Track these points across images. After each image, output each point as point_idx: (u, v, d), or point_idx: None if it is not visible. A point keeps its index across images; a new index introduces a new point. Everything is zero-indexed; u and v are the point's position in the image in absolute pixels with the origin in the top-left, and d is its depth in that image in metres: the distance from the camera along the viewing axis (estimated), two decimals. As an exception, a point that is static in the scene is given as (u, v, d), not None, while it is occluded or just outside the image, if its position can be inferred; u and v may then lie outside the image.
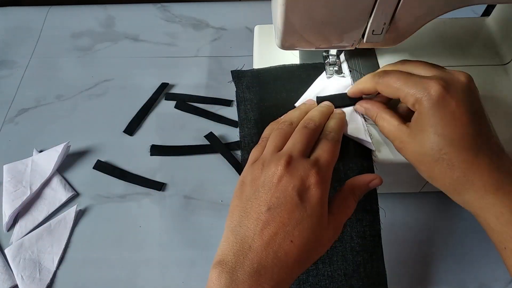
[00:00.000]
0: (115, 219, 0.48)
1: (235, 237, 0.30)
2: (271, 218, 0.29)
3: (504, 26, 0.46)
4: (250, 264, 0.28)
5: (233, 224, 0.30)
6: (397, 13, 0.32)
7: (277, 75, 0.43)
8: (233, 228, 0.30)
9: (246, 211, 0.30)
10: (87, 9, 0.68)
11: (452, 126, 0.30)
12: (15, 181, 0.49)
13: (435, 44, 0.47)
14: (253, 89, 0.43)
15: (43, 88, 0.59)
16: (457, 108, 0.30)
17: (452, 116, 0.30)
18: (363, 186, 0.33)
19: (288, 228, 0.29)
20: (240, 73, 0.44)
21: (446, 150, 0.30)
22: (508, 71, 0.45)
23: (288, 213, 0.29)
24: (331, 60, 0.43)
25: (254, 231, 0.29)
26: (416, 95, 0.31)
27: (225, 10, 0.67)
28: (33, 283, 0.43)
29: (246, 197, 0.31)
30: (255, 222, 0.29)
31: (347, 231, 0.37)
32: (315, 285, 0.36)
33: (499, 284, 0.43)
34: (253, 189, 0.31)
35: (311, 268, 0.37)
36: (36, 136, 0.54)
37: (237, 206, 0.31)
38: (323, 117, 0.37)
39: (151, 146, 0.53)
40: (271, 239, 0.29)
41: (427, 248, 0.45)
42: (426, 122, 0.31)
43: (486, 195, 0.30)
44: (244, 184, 0.32)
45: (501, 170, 0.30)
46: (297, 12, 0.32)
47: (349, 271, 0.36)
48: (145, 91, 0.57)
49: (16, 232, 0.47)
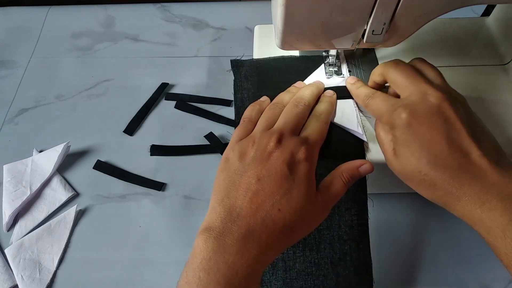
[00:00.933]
0: (115, 219, 0.48)
1: (222, 207, 0.31)
2: (261, 188, 0.30)
3: (504, 26, 0.46)
4: (238, 229, 0.29)
5: (220, 196, 0.31)
6: (397, 13, 0.32)
7: (275, 66, 0.44)
8: (221, 200, 0.31)
9: (235, 183, 0.31)
10: (87, 9, 0.68)
11: (425, 148, 0.31)
12: (15, 181, 0.49)
13: (435, 44, 0.47)
14: (251, 78, 0.44)
15: (43, 88, 0.59)
16: (427, 131, 0.31)
17: (423, 139, 0.31)
18: (352, 170, 0.34)
19: (276, 197, 0.30)
20: (239, 62, 0.45)
21: (425, 171, 0.31)
22: (508, 71, 0.45)
23: (277, 184, 0.30)
24: (330, 61, 0.43)
25: (243, 200, 0.30)
26: (392, 122, 0.33)
27: (225, 10, 0.67)
28: (33, 283, 0.43)
29: (235, 171, 0.32)
30: (244, 192, 0.31)
31: (335, 220, 0.37)
32: (301, 272, 0.37)
33: (499, 284, 0.43)
34: (242, 163, 0.32)
35: (298, 255, 0.37)
36: (36, 136, 0.54)
37: (224, 180, 0.32)
38: (313, 97, 0.39)
39: (151, 146, 0.53)
40: (259, 207, 0.30)
41: (426, 248, 0.45)
42: (403, 148, 0.32)
43: (473, 211, 0.30)
44: (229, 159, 0.34)
45: (484, 184, 0.30)
46: (297, 12, 0.32)
47: (336, 259, 0.37)
48: (145, 91, 0.57)
49: (16, 232, 0.47)
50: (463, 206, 0.30)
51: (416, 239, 0.46)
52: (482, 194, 0.29)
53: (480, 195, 0.29)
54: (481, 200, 0.29)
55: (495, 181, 0.30)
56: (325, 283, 0.37)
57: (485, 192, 0.29)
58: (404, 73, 0.34)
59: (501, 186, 0.29)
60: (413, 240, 0.46)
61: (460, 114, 0.32)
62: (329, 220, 0.38)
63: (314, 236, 0.37)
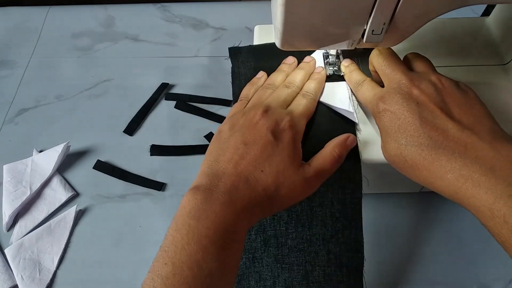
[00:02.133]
0: (115, 219, 0.48)
1: (210, 169, 0.33)
2: (246, 152, 0.33)
3: (504, 26, 0.46)
4: (223, 185, 0.31)
5: (209, 161, 0.33)
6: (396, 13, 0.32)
7: (271, 51, 0.45)
8: (209, 164, 0.33)
9: (223, 149, 0.34)
10: (87, 9, 0.68)
11: (402, 129, 0.32)
12: (15, 181, 0.49)
13: (435, 44, 0.47)
14: (248, 64, 0.45)
15: (43, 88, 0.59)
16: (400, 115, 0.33)
17: (397, 121, 0.33)
18: (341, 143, 0.36)
19: (260, 160, 0.32)
20: (236, 49, 0.47)
21: (405, 153, 0.32)
22: (508, 71, 0.45)
23: (261, 148, 0.33)
24: (330, 60, 0.43)
25: (229, 162, 0.32)
26: (372, 111, 0.36)
27: (225, 10, 0.67)
28: (33, 283, 0.43)
29: (224, 139, 0.35)
30: (231, 156, 0.33)
31: (328, 197, 0.38)
32: (293, 248, 0.38)
33: (499, 284, 0.43)
34: (231, 132, 0.35)
35: (291, 231, 0.38)
36: (36, 136, 0.54)
37: (214, 148, 0.34)
38: (304, 79, 0.41)
39: (151, 146, 0.53)
40: (244, 168, 0.32)
41: (427, 248, 0.45)
42: (382, 133, 0.35)
43: (458, 190, 0.29)
44: (221, 131, 0.36)
45: (466, 159, 0.29)
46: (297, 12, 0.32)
47: (328, 236, 0.38)
48: (145, 91, 0.57)
49: (16, 232, 0.47)
50: (447, 186, 0.29)
51: (415, 239, 0.46)
52: (464, 170, 0.28)
53: (461, 171, 0.28)
54: (464, 177, 0.28)
55: (478, 155, 0.29)
56: (316, 260, 0.38)
57: (466, 167, 0.28)
58: (386, 61, 0.36)
59: (484, 159, 0.28)
60: (413, 240, 0.46)
61: (434, 97, 0.33)
62: (321, 197, 0.38)
63: (306, 212, 0.38)
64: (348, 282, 0.38)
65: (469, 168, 0.28)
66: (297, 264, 0.38)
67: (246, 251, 0.38)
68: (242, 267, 0.38)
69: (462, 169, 0.29)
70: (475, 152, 0.29)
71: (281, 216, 0.38)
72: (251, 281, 0.38)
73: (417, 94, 0.33)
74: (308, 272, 0.38)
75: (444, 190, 0.30)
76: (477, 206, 0.28)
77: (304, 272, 0.38)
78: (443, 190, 0.30)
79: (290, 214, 0.38)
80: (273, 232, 0.38)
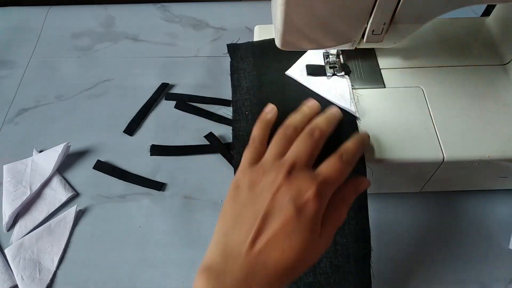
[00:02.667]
0: (115, 219, 0.48)
1: (226, 242, 0.30)
2: (265, 227, 0.29)
3: (504, 26, 0.46)
4: (239, 269, 0.28)
5: (225, 228, 0.31)
6: (397, 13, 0.32)
7: (270, 47, 0.46)
8: (225, 233, 0.30)
9: (240, 216, 0.30)
10: (87, 9, 0.68)
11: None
12: (15, 181, 0.49)
13: (435, 44, 0.48)
14: (247, 59, 0.46)
15: (43, 88, 0.59)
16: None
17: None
18: (353, 192, 0.34)
19: (279, 238, 0.29)
20: (235, 46, 0.47)
21: None
22: (508, 71, 0.45)
23: (282, 224, 0.29)
24: (331, 60, 0.43)
25: (246, 238, 0.29)
26: None
27: (225, 10, 0.67)
28: (33, 283, 0.43)
29: (242, 202, 0.31)
30: (248, 229, 0.30)
31: None
32: None
33: (499, 284, 0.43)
34: (249, 195, 0.31)
35: None
36: (36, 136, 0.54)
37: (231, 210, 0.31)
38: (329, 126, 0.36)
39: (151, 146, 0.53)
40: (262, 248, 0.29)
41: (427, 248, 0.45)
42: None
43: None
44: (239, 188, 0.32)
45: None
46: (297, 12, 0.32)
47: None
48: (145, 91, 0.57)
49: (16, 232, 0.47)
50: None
51: (415, 239, 0.46)
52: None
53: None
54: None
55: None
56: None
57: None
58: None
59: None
60: (413, 240, 0.46)
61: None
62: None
63: None
64: (356, 272, 0.37)
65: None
66: None
67: None
68: None
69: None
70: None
71: None
72: None
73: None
74: (315, 264, 0.37)
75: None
76: None
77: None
78: None
79: None
80: None
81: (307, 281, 0.37)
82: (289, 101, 0.41)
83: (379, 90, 0.43)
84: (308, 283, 0.37)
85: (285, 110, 0.37)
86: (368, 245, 0.38)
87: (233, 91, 0.45)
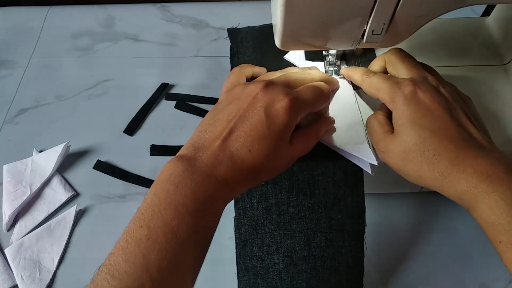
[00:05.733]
0: (115, 219, 0.48)
1: (198, 140, 0.32)
2: (236, 127, 0.31)
3: (504, 26, 0.46)
4: (207, 157, 0.30)
5: (199, 131, 0.33)
6: (396, 13, 0.32)
7: (269, 32, 0.45)
8: (199, 133, 0.32)
9: (215, 120, 0.32)
10: (87, 9, 0.68)
11: (429, 117, 0.31)
12: (15, 181, 0.49)
13: (435, 44, 0.47)
14: (246, 44, 0.46)
15: (43, 88, 0.59)
16: (430, 102, 0.32)
17: (426, 109, 0.32)
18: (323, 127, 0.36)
19: (249, 138, 0.31)
20: (235, 30, 0.48)
21: (429, 140, 0.31)
22: (508, 71, 0.45)
23: (252, 126, 0.31)
24: (330, 60, 0.43)
25: (217, 135, 0.31)
26: (391, 94, 0.33)
27: (225, 10, 0.67)
28: (33, 283, 0.43)
29: (218, 110, 0.33)
30: (221, 128, 0.31)
31: (330, 166, 0.38)
32: (295, 216, 0.38)
33: (499, 284, 0.43)
34: (226, 103, 0.33)
35: (292, 199, 0.38)
36: (36, 136, 0.54)
37: (208, 117, 0.33)
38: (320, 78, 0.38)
39: (151, 146, 0.53)
40: (231, 143, 0.30)
41: (427, 248, 0.45)
42: (404, 118, 0.32)
43: (478, 184, 0.29)
44: (219, 103, 0.35)
45: (490, 157, 0.29)
46: (297, 12, 0.32)
47: (329, 203, 0.38)
48: (145, 91, 0.57)
49: (16, 232, 0.47)
50: (467, 180, 0.29)
51: (416, 239, 0.46)
52: (488, 166, 0.29)
53: (486, 167, 0.29)
54: (487, 173, 0.29)
55: (499, 156, 0.30)
56: (317, 226, 0.38)
57: (490, 165, 0.29)
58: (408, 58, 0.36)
59: (505, 161, 0.29)
60: (413, 240, 0.46)
61: (457, 99, 0.33)
62: (323, 167, 0.38)
63: (308, 181, 0.38)
64: (349, 247, 0.38)
65: (494, 167, 0.29)
66: (299, 230, 0.38)
67: (249, 219, 0.39)
68: (245, 233, 0.39)
69: (487, 166, 0.29)
70: (496, 154, 0.30)
71: (283, 185, 0.38)
72: (254, 247, 0.39)
73: (444, 91, 0.33)
74: (310, 238, 0.38)
75: (460, 185, 0.30)
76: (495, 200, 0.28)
77: (305, 238, 0.38)
78: (457, 186, 0.30)
79: (291, 183, 0.38)
80: (275, 201, 0.38)
81: (302, 255, 0.38)
82: None
83: (379, 90, 0.43)
84: (303, 257, 0.38)
85: None
86: (362, 221, 0.38)
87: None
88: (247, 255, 0.39)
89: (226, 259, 0.43)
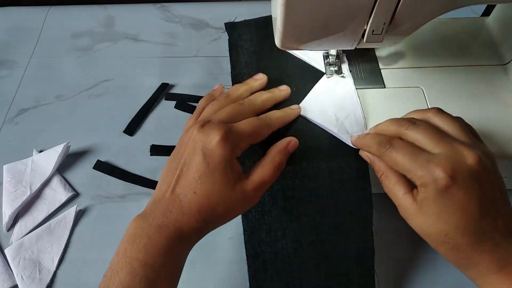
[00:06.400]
0: (115, 219, 0.48)
1: (158, 191, 0.34)
2: (182, 173, 0.33)
3: (504, 26, 0.46)
4: (160, 210, 0.32)
5: (159, 183, 0.35)
6: (397, 13, 0.32)
7: (266, 24, 0.46)
8: (158, 186, 0.35)
9: (169, 169, 0.34)
10: (87, 9, 0.68)
11: (458, 214, 0.30)
12: (15, 181, 0.49)
13: (435, 44, 0.48)
14: (244, 37, 0.48)
15: (43, 88, 0.59)
16: (463, 197, 0.30)
17: (458, 206, 0.30)
18: (282, 151, 0.36)
19: (193, 181, 0.32)
20: (233, 24, 0.49)
21: (451, 235, 0.31)
22: (508, 71, 0.45)
23: (195, 169, 0.32)
24: (330, 60, 0.43)
25: (169, 185, 0.33)
26: (422, 179, 0.31)
27: (225, 10, 0.67)
28: (33, 283, 0.43)
29: (171, 158, 0.35)
30: (170, 179, 0.33)
31: (333, 152, 0.39)
32: (301, 200, 0.39)
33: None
34: (177, 150, 0.35)
35: (297, 184, 0.39)
36: (36, 136, 0.54)
37: (165, 166, 0.35)
38: (268, 102, 0.39)
39: (151, 146, 0.52)
40: (179, 189, 0.32)
41: (427, 248, 0.45)
42: (432, 208, 0.31)
43: (489, 274, 0.30)
44: (175, 149, 0.36)
45: (506, 251, 0.30)
46: (297, 12, 0.32)
47: (335, 187, 0.39)
48: (145, 91, 0.57)
49: (16, 232, 0.47)
50: (479, 270, 0.31)
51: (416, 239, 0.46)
52: (501, 261, 0.30)
53: (499, 262, 0.30)
54: (498, 266, 0.30)
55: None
56: (324, 210, 0.38)
57: (503, 259, 0.30)
58: (426, 133, 0.32)
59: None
60: (413, 240, 0.46)
61: (493, 178, 0.31)
62: (328, 152, 0.39)
63: (312, 166, 0.39)
64: (358, 230, 0.39)
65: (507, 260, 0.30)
66: (305, 215, 0.38)
67: (255, 206, 0.39)
68: (253, 220, 0.39)
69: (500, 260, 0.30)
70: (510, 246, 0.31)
71: (287, 170, 0.38)
72: (262, 233, 0.39)
73: (482, 173, 0.30)
74: (317, 223, 0.38)
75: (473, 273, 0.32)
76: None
77: (312, 222, 0.38)
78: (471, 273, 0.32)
79: (295, 168, 0.39)
80: (280, 186, 0.39)
81: (309, 240, 0.38)
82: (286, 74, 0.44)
83: (379, 90, 0.43)
84: (311, 241, 0.38)
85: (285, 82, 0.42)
86: (369, 203, 0.39)
87: (232, 66, 0.46)
88: (255, 241, 0.39)
89: (226, 259, 0.43)
